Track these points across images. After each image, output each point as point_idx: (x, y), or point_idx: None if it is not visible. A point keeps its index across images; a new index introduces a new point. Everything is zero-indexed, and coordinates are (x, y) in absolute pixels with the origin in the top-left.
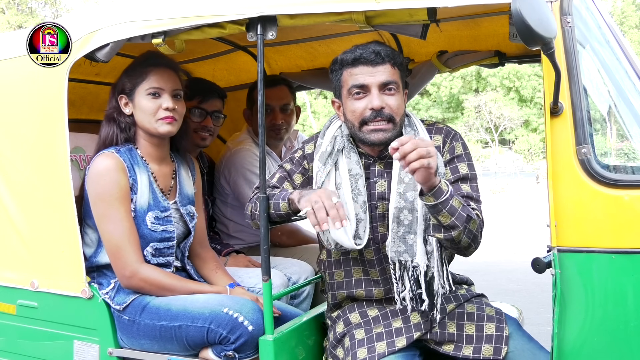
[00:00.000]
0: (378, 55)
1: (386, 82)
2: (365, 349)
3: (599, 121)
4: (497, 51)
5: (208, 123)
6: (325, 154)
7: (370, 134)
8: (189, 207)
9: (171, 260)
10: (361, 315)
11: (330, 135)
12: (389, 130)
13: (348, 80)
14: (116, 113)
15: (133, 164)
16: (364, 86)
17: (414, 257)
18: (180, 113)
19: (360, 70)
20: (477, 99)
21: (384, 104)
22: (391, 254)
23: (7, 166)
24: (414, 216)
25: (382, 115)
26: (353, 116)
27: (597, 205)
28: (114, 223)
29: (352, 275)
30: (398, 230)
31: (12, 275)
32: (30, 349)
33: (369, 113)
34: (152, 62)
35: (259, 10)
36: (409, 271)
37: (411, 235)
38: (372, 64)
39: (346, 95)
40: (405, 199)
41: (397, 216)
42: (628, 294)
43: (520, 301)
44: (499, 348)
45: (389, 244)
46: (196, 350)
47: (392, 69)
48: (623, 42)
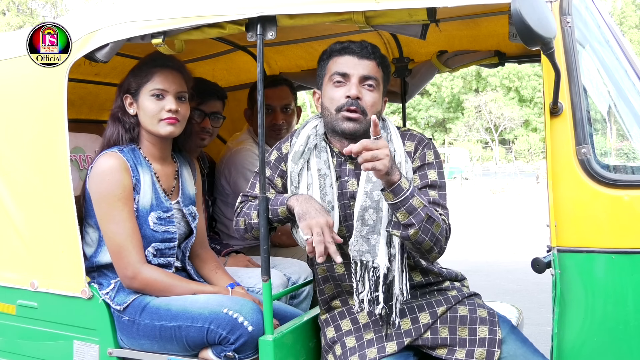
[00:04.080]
0: (366, 49)
1: (367, 75)
2: (357, 356)
3: (599, 121)
4: (497, 51)
5: (207, 124)
6: (298, 153)
7: (343, 121)
8: (191, 207)
9: (172, 261)
10: (352, 322)
11: (305, 134)
12: (361, 121)
13: (332, 67)
14: (121, 113)
15: (136, 164)
16: (346, 75)
17: (375, 258)
18: (183, 115)
19: (345, 59)
20: (477, 99)
21: (361, 95)
22: (353, 253)
23: (7, 166)
24: (379, 216)
25: (357, 104)
26: (330, 103)
27: (597, 206)
28: (116, 223)
29: (335, 270)
30: (362, 229)
31: (12, 275)
32: (30, 349)
33: (344, 101)
34: (158, 63)
35: (259, 10)
36: (369, 272)
37: (374, 235)
38: (358, 55)
39: (327, 82)
40: (371, 198)
41: (362, 215)
42: (628, 294)
43: (520, 301)
44: (492, 352)
45: (352, 243)
46: (196, 351)
47: (376, 67)
48: (623, 42)
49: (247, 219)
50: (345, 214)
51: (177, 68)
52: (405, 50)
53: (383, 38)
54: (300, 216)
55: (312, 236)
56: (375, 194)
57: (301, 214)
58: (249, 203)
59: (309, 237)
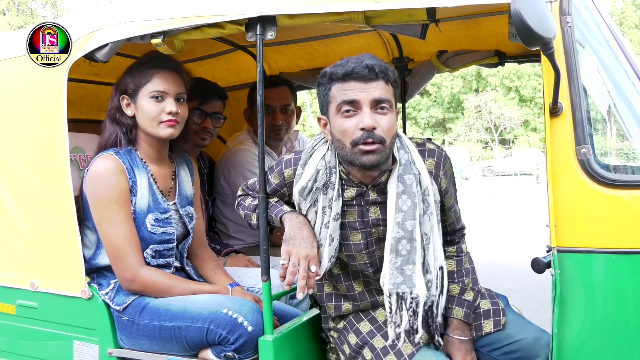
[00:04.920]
0: (372, 70)
1: (379, 99)
2: (393, 355)
3: (599, 121)
4: (497, 51)
5: (207, 124)
6: (307, 190)
7: (362, 155)
8: (188, 208)
9: (171, 262)
10: (371, 322)
11: (312, 167)
12: (381, 151)
13: (337, 95)
14: (118, 114)
15: (132, 166)
16: (355, 102)
17: (413, 289)
18: (182, 116)
19: (351, 85)
20: (477, 99)
21: (376, 124)
22: (389, 286)
23: (7, 166)
24: (413, 246)
25: (374, 136)
26: (343, 136)
27: (597, 206)
28: (114, 226)
29: (355, 289)
30: (396, 261)
31: (12, 275)
32: (30, 349)
33: (359, 134)
34: (156, 64)
35: (258, 10)
36: (406, 302)
37: (409, 265)
38: (364, 79)
39: (334, 112)
40: (404, 228)
41: (396, 247)
42: (627, 294)
43: (520, 301)
44: (498, 320)
45: (386, 276)
46: (196, 351)
47: (385, 86)
48: (622, 42)
49: (246, 216)
50: (367, 241)
51: (176, 69)
52: (405, 50)
53: (383, 38)
54: (285, 239)
55: (288, 263)
56: (408, 224)
57: (286, 238)
58: (249, 199)
59: (284, 263)
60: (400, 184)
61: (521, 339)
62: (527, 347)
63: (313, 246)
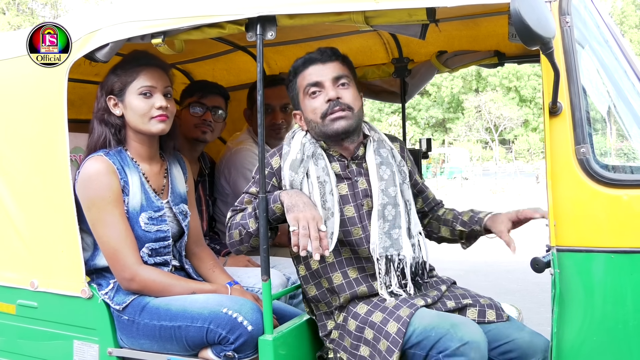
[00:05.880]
0: (325, 53)
1: (338, 75)
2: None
3: (598, 121)
4: (497, 51)
5: (207, 117)
6: (297, 161)
7: (333, 123)
8: (182, 205)
9: (169, 259)
10: (367, 304)
11: (297, 142)
12: (349, 117)
13: (302, 82)
14: (106, 115)
15: (123, 166)
16: (318, 83)
17: (401, 250)
18: (172, 111)
19: (311, 69)
20: (477, 99)
21: (340, 95)
22: (379, 250)
23: (7, 166)
24: (397, 210)
25: (340, 104)
26: (314, 114)
27: (596, 205)
28: (109, 227)
29: (349, 276)
30: (384, 226)
31: (12, 275)
32: (30, 349)
33: (326, 106)
34: (142, 62)
35: (258, 10)
36: (394, 264)
37: (396, 229)
38: (321, 61)
39: (303, 97)
40: (387, 194)
41: (382, 212)
42: (627, 293)
43: (520, 301)
44: (500, 314)
45: (375, 242)
46: (196, 351)
47: (342, 65)
48: (622, 42)
49: (242, 229)
50: (360, 214)
51: (161, 66)
52: (405, 50)
53: (383, 38)
54: (288, 208)
55: (298, 228)
56: (391, 191)
57: (289, 206)
58: (240, 214)
59: (295, 229)
60: (377, 157)
61: (517, 338)
62: (523, 347)
63: (316, 208)
